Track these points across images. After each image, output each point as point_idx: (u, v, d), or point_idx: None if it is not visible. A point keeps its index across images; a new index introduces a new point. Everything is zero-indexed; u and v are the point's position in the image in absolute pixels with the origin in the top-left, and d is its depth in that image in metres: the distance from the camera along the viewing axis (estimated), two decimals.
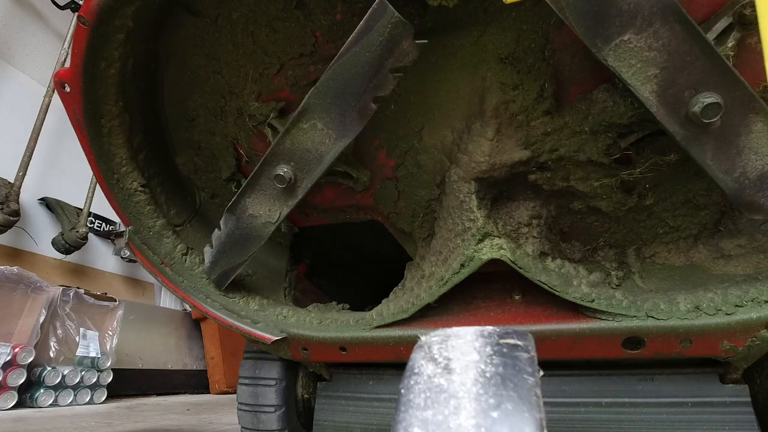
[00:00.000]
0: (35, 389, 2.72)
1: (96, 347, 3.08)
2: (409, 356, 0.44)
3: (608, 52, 0.66)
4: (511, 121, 0.87)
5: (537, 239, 0.96)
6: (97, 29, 0.84)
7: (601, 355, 0.87)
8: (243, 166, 1.14)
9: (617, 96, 0.79)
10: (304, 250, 1.43)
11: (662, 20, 0.63)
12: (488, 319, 0.96)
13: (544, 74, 0.82)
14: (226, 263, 1.06)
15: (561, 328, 0.87)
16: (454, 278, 0.93)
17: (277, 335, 1.06)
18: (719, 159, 0.69)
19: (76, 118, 0.93)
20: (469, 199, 0.92)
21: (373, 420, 1.16)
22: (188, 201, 1.19)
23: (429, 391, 0.38)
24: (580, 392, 0.99)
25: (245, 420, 1.30)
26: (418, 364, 0.42)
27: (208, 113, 1.08)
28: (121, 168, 1.02)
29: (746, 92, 0.65)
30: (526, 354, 0.41)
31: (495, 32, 0.82)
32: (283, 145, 0.89)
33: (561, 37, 0.80)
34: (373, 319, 1.02)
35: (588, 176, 0.89)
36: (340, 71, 0.79)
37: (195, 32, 0.98)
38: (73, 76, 0.88)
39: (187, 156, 1.16)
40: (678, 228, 0.94)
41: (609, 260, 1.00)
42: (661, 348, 0.83)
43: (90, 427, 2.08)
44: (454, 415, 0.36)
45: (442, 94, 0.91)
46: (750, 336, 0.78)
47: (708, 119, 0.65)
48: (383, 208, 1.10)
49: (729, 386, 0.92)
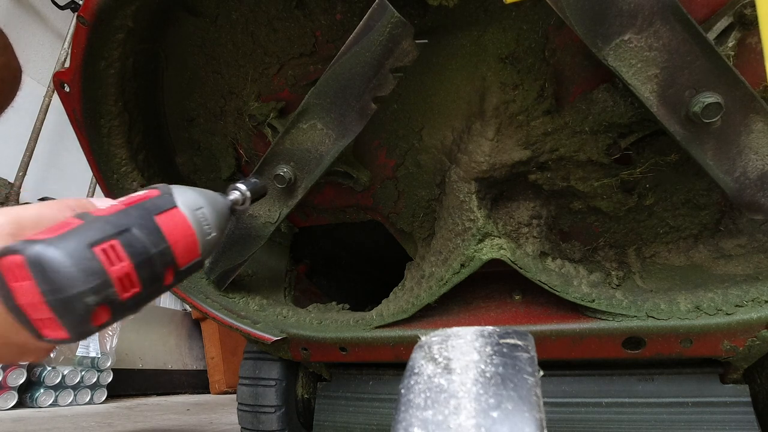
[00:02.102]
0: (35, 389, 2.72)
1: (96, 347, 3.08)
2: (409, 356, 0.45)
3: (608, 51, 0.66)
4: (511, 121, 0.86)
5: (537, 239, 0.96)
6: (96, 29, 0.84)
7: (602, 355, 0.87)
8: (243, 166, 1.14)
9: (617, 96, 0.79)
10: (304, 250, 1.43)
11: (663, 20, 0.62)
12: (488, 319, 0.96)
13: (544, 74, 0.82)
14: (226, 263, 1.06)
15: (561, 328, 0.87)
16: (454, 278, 0.93)
17: (277, 335, 1.06)
18: (720, 159, 0.69)
19: (76, 118, 0.93)
20: (469, 199, 0.92)
21: (373, 420, 1.16)
22: None
23: (429, 391, 0.38)
24: (580, 392, 0.99)
25: (245, 420, 1.30)
26: (418, 364, 0.42)
27: (208, 113, 1.08)
28: (120, 168, 1.02)
29: (747, 92, 0.65)
30: (526, 354, 0.41)
31: (495, 32, 0.82)
32: (282, 145, 0.89)
33: (561, 36, 0.80)
34: (373, 320, 1.02)
35: (588, 176, 0.89)
36: (340, 71, 0.79)
37: (195, 32, 0.98)
38: (73, 76, 0.88)
39: (187, 156, 1.16)
40: (678, 228, 0.94)
41: (609, 260, 1.00)
42: (662, 348, 0.83)
43: (90, 427, 2.08)
44: (454, 414, 0.36)
45: (442, 94, 0.91)
46: (750, 336, 0.78)
47: (708, 119, 0.65)
48: (383, 208, 1.10)
49: (729, 386, 0.92)
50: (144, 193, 0.50)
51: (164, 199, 0.50)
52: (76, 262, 0.39)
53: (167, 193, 0.51)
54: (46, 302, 0.39)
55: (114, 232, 0.43)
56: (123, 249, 0.43)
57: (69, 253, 0.39)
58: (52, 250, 0.39)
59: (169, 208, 0.49)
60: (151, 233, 0.46)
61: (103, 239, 0.42)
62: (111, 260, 0.42)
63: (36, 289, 0.39)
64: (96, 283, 0.40)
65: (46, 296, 0.39)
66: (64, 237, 0.40)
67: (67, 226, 0.42)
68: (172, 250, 0.48)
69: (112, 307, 0.42)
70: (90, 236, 0.41)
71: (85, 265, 0.40)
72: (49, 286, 0.39)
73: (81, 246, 0.40)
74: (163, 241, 0.47)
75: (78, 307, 0.40)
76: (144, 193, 0.50)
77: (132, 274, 0.44)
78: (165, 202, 0.50)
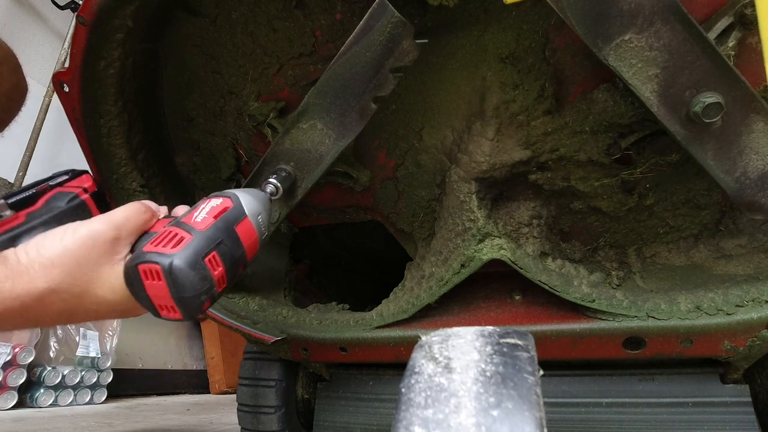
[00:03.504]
0: (35, 389, 2.72)
1: (96, 347, 3.08)
2: (408, 356, 0.45)
3: (609, 51, 0.66)
4: (511, 121, 0.86)
5: (537, 239, 0.96)
6: (96, 29, 0.83)
7: (602, 356, 0.87)
8: (243, 166, 1.14)
9: (618, 96, 0.79)
10: (304, 250, 1.43)
11: (663, 20, 0.62)
12: (488, 319, 0.96)
13: (544, 74, 0.82)
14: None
15: (561, 328, 0.87)
16: (455, 278, 0.93)
17: (277, 336, 1.06)
18: (720, 159, 0.69)
19: (75, 118, 0.93)
20: (469, 199, 0.91)
21: (373, 420, 1.16)
22: (188, 201, 1.19)
23: (429, 390, 0.39)
24: (580, 392, 0.99)
25: (245, 420, 1.30)
26: (418, 364, 0.42)
27: (208, 113, 1.08)
28: (120, 168, 1.02)
29: (747, 92, 0.65)
30: (526, 353, 0.42)
31: (495, 32, 0.82)
32: (282, 146, 0.89)
33: (561, 36, 0.80)
34: (373, 320, 1.02)
35: (588, 176, 0.89)
36: (340, 71, 0.79)
37: (194, 32, 0.98)
38: (72, 76, 0.88)
39: (187, 156, 1.16)
40: (678, 228, 0.93)
41: (609, 260, 1.00)
42: (662, 348, 0.83)
43: (90, 427, 2.08)
44: (455, 413, 0.36)
45: (442, 94, 0.91)
46: (751, 336, 0.78)
47: (709, 119, 0.64)
48: (383, 208, 1.10)
49: (729, 386, 0.92)
50: (220, 202, 0.64)
51: (238, 210, 0.65)
52: (196, 272, 0.55)
53: (238, 204, 0.65)
54: (173, 298, 0.55)
55: (214, 245, 0.58)
56: (220, 258, 0.59)
57: (190, 265, 0.55)
58: (179, 262, 0.54)
59: (242, 219, 0.64)
60: (234, 242, 0.62)
61: (208, 252, 0.57)
62: (213, 267, 0.58)
63: (166, 289, 0.54)
64: (207, 286, 0.57)
65: (173, 294, 0.55)
66: (185, 251, 0.55)
67: (182, 240, 0.56)
68: (245, 252, 0.64)
69: (212, 298, 0.59)
70: (201, 250, 0.56)
71: (201, 274, 0.56)
72: (176, 288, 0.54)
73: (198, 259, 0.56)
74: (241, 247, 0.63)
75: (194, 302, 0.56)
76: (221, 204, 0.64)
77: (225, 275, 0.60)
78: (239, 213, 0.64)
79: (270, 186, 0.83)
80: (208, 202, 0.64)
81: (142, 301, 0.57)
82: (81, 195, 0.77)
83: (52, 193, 0.75)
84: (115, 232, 0.58)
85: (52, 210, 0.72)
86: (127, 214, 0.61)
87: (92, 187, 0.80)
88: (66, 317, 0.58)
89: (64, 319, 0.58)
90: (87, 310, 0.58)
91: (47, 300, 0.54)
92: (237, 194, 0.67)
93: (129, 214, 0.61)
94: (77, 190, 0.77)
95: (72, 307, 0.56)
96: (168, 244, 0.56)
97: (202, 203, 0.64)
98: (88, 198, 0.78)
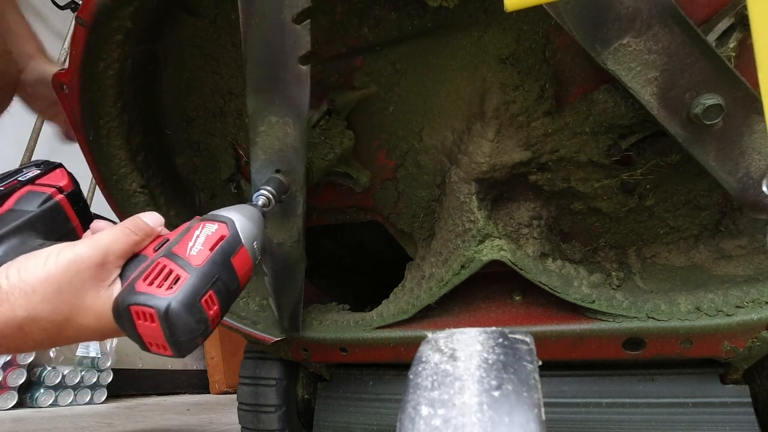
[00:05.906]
0: (35, 389, 2.72)
1: (96, 347, 3.08)
2: (409, 357, 0.46)
3: (607, 55, 0.65)
4: (511, 122, 0.86)
5: (537, 240, 0.96)
6: (95, 30, 0.83)
7: (602, 356, 0.87)
8: (242, 167, 1.14)
9: (618, 97, 0.79)
10: None
11: (661, 23, 0.62)
12: (489, 319, 0.97)
13: (544, 75, 0.82)
14: (289, 305, 1.01)
15: (562, 328, 0.87)
16: (455, 279, 0.93)
17: (277, 336, 1.06)
18: (722, 160, 0.69)
19: (75, 119, 0.93)
20: (469, 200, 0.91)
21: (373, 420, 1.16)
22: (188, 201, 1.19)
23: (436, 375, 0.42)
24: (580, 393, 0.99)
25: (246, 420, 1.30)
26: (425, 354, 0.46)
27: (207, 114, 1.08)
28: (120, 169, 1.02)
29: (748, 93, 0.65)
30: (525, 346, 0.45)
31: (495, 33, 0.82)
32: (259, 160, 0.83)
33: (561, 37, 0.80)
34: (373, 320, 1.02)
35: (589, 177, 0.89)
36: (254, 55, 0.72)
37: (193, 32, 0.97)
38: (72, 77, 0.88)
39: (186, 157, 1.16)
40: (679, 228, 0.94)
41: (609, 261, 1.00)
42: (662, 349, 0.83)
43: (90, 427, 2.08)
44: (459, 394, 0.39)
45: (442, 95, 0.91)
46: (751, 337, 0.78)
47: (710, 121, 0.64)
48: (383, 208, 1.10)
49: (729, 387, 0.92)
50: (215, 230, 0.60)
51: (234, 239, 0.61)
52: (193, 316, 0.53)
53: (235, 233, 0.61)
54: (167, 340, 0.52)
55: (210, 283, 0.55)
56: (216, 297, 0.56)
57: (187, 309, 0.52)
58: (176, 306, 0.51)
59: (239, 249, 0.61)
60: (230, 276, 0.59)
61: (205, 292, 0.54)
62: (209, 307, 0.55)
63: (160, 332, 0.52)
64: (203, 328, 0.54)
65: (167, 338, 0.52)
66: (181, 293, 0.52)
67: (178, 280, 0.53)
68: (240, 284, 0.62)
69: (206, 337, 0.57)
70: (198, 291, 0.54)
71: (198, 317, 0.53)
72: (171, 332, 0.52)
73: (195, 301, 0.53)
74: (237, 280, 0.60)
75: (189, 344, 0.54)
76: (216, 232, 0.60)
77: (220, 311, 0.57)
78: (235, 243, 0.61)
79: (261, 198, 0.75)
80: (202, 228, 0.60)
81: (130, 335, 0.55)
82: (55, 196, 0.70)
83: (23, 192, 0.69)
84: (101, 257, 0.55)
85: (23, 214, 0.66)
86: (115, 237, 0.57)
87: (68, 186, 0.73)
88: (47, 344, 0.56)
89: (45, 345, 0.56)
90: (68, 337, 0.56)
91: (27, 329, 0.52)
92: (232, 219, 0.62)
93: (117, 236, 0.58)
94: (51, 191, 0.71)
95: (53, 335, 0.54)
96: (163, 283, 0.53)
97: (195, 229, 0.60)
98: (63, 199, 0.71)
